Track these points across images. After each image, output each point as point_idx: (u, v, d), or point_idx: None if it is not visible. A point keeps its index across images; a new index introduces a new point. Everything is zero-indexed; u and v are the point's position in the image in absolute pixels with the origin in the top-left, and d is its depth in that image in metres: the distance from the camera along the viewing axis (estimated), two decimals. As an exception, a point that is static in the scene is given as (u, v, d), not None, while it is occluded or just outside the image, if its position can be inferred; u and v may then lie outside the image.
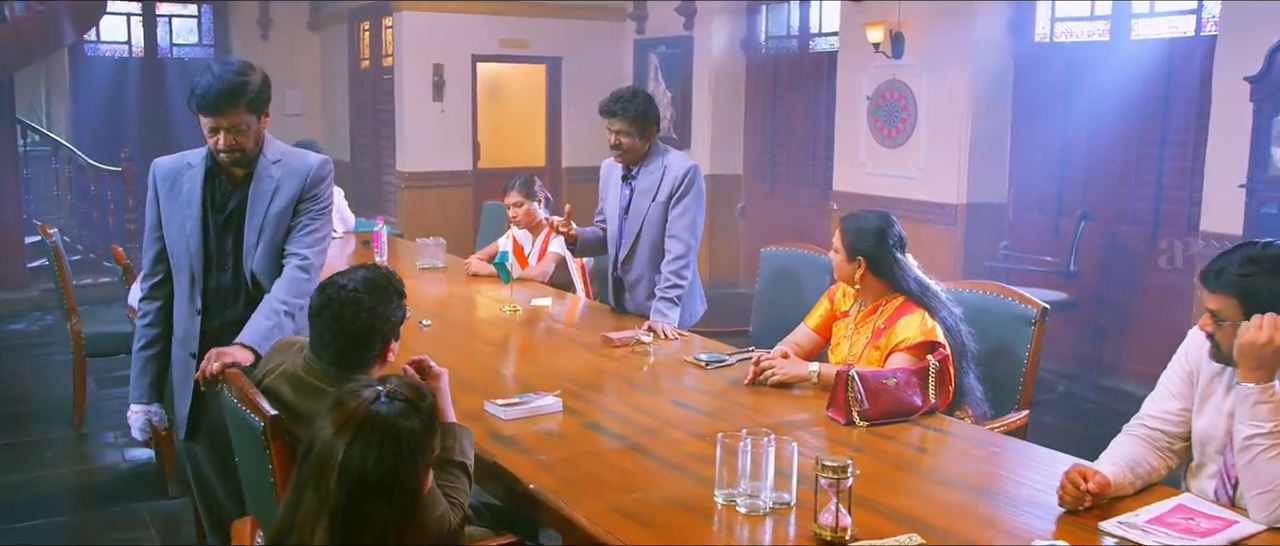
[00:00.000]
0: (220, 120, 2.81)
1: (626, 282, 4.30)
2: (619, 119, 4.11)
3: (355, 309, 2.30)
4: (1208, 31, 5.96)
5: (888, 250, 3.39)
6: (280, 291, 2.89)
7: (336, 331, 2.30)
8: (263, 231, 2.93)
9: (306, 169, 2.98)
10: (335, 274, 2.41)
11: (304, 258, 2.93)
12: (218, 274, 2.97)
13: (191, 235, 2.93)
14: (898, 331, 3.30)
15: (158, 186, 3.01)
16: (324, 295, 2.34)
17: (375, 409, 1.75)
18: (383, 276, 2.38)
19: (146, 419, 3.09)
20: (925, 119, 7.23)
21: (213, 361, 2.62)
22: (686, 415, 3.02)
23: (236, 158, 2.87)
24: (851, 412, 2.94)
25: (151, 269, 3.05)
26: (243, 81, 2.82)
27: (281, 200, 2.94)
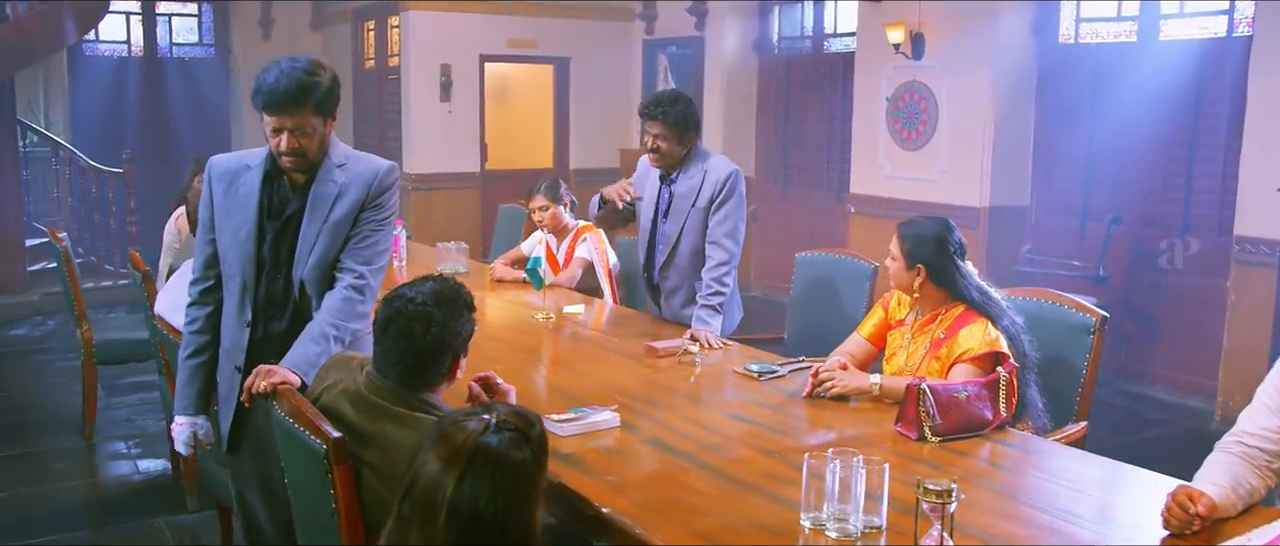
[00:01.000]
0: (284, 120, 2.64)
1: (664, 289, 4.17)
2: (658, 123, 3.97)
3: (425, 324, 2.17)
4: (1240, 32, 5.86)
5: (948, 257, 3.27)
6: (330, 314, 2.70)
7: (405, 348, 2.17)
8: (318, 239, 2.72)
9: (372, 175, 2.78)
10: (402, 286, 2.27)
11: (359, 276, 2.73)
12: (269, 283, 2.79)
13: (245, 241, 2.75)
14: (960, 341, 3.18)
15: (213, 186, 2.84)
16: (391, 309, 2.20)
17: (485, 441, 1.61)
18: (451, 288, 2.24)
19: (192, 431, 2.92)
20: (947, 121, 7.12)
21: (260, 378, 2.46)
22: (750, 430, 2.89)
23: (298, 162, 2.69)
24: (923, 427, 2.82)
25: (203, 273, 2.88)
26: (312, 81, 2.65)
27: (343, 207, 2.74)
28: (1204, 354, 5.96)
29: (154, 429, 5.41)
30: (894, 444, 2.81)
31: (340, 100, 2.76)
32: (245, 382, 2.52)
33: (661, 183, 4.14)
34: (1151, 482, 2.57)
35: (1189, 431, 5.79)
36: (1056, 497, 2.51)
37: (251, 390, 2.46)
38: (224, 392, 2.87)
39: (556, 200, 5.05)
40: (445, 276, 2.30)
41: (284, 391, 2.34)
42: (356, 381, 2.24)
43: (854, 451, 2.25)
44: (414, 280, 2.28)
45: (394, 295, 2.23)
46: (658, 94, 4.10)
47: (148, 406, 5.77)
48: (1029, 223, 7.10)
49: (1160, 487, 2.50)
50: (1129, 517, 2.38)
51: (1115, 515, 2.40)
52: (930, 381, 2.88)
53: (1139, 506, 2.46)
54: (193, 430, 2.90)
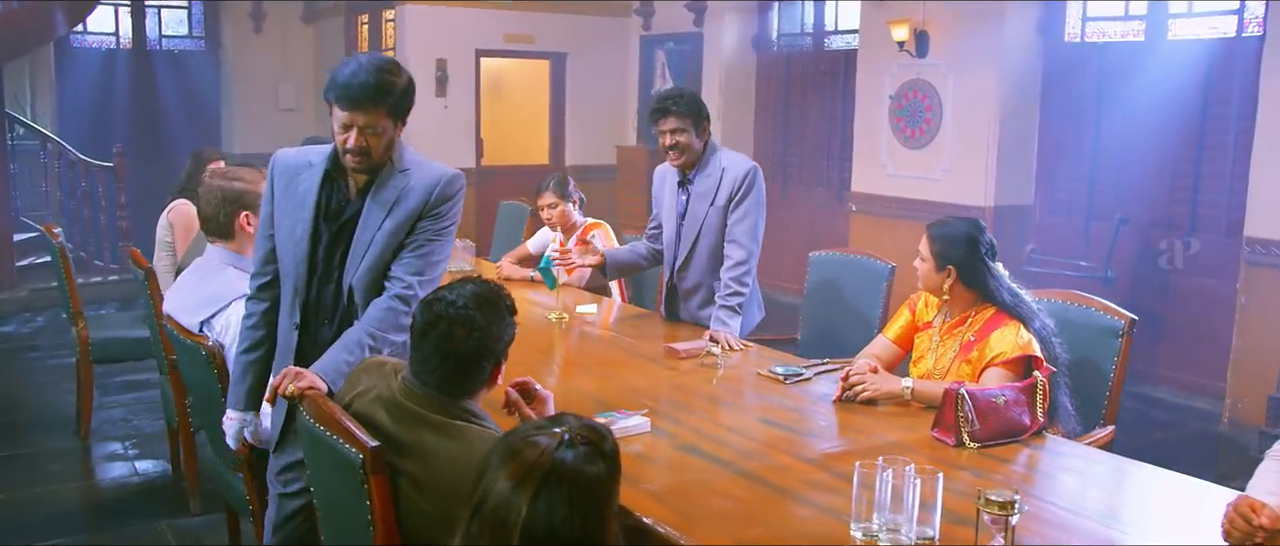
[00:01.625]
0: (357, 116, 2.52)
1: (682, 290, 4.09)
2: (671, 116, 3.89)
3: (467, 328, 2.08)
4: (1250, 32, 5.83)
5: (979, 259, 3.21)
6: (371, 322, 2.58)
7: (446, 353, 2.08)
8: (371, 245, 2.60)
9: (434, 182, 2.64)
10: (440, 289, 2.17)
11: (407, 286, 2.59)
12: (320, 287, 2.67)
13: (299, 241, 2.63)
14: (991, 345, 3.12)
15: (274, 181, 2.73)
16: (431, 313, 2.10)
17: (559, 457, 1.52)
18: (492, 290, 2.15)
19: (241, 427, 2.82)
20: (951, 119, 7.07)
21: (289, 380, 2.37)
22: (784, 436, 2.82)
23: (362, 162, 2.58)
24: (961, 434, 2.76)
25: (261, 268, 2.78)
26: (391, 80, 2.54)
27: (401, 214, 2.61)
28: (1212, 355, 5.93)
29: (151, 429, 5.30)
30: (931, 449, 2.75)
31: (413, 106, 2.64)
32: (272, 383, 2.42)
33: (680, 185, 4.06)
34: (1197, 490, 2.52)
35: (1197, 433, 5.76)
36: (1100, 504, 2.46)
37: (278, 390, 2.36)
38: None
39: (565, 197, 4.97)
40: (484, 278, 2.20)
41: (312, 396, 2.25)
42: (392, 387, 2.15)
43: (905, 459, 2.18)
44: (452, 282, 2.19)
45: (433, 298, 2.13)
46: (661, 92, 4.04)
47: (143, 406, 5.66)
48: (1032, 222, 7.07)
49: (1207, 495, 2.46)
50: (1179, 526, 2.32)
51: (1164, 523, 2.34)
52: (969, 386, 2.82)
53: (1189, 514, 2.41)
54: (242, 426, 2.81)
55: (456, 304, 2.08)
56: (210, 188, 3.24)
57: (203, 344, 3.04)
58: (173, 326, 3.16)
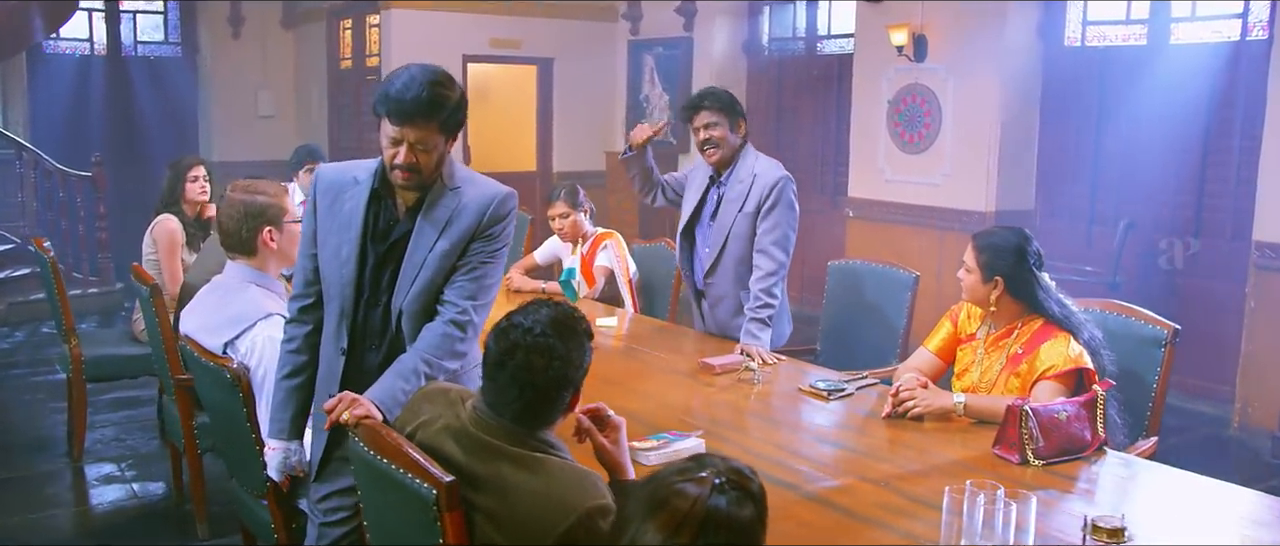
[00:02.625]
0: (408, 131, 2.39)
1: (710, 297, 4.00)
2: (706, 110, 3.83)
3: (546, 357, 1.95)
4: (1255, 36, 5.82)
5: (1028, 269, 3.14)
6: (425, 348, 2.45)
7: (525, 383, 1.95)
8: (422, 268, 2.47)
9: (487, 202, 2.51)
10: (513, 313, 2.05)
11: (461, 311, 2.47)
12: (368, 311, 2.54)
13: (346, 263, 2.50)
14: (1042, 357, 3.05)
15: (318, 199, 2.59)
16: (507, 341, 1.98)
17: (713, 504, 1.42)
18: (568, 315, 2.02)
19: (284, 457, 2.68)
20: (950, 124, 7.03)
21: (343, 407, 2.24)
22: (843, 455, 2.73)
23: (411, 179, 2.44)
24: (1026, 451, 2.68)
25: (303, 290, 2.64)
26: (443, 94, 2.41)
27: (453, 235, 2.48)
28: (1220, 360, 5.91)
29: (146, 449, 5.12)
30: (993, 467, 2.67)
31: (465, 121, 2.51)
32: (325, 406, 2.28)
33: (711, 184, 3.98)
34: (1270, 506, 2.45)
35: (1207, 438, 5.74)
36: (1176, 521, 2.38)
37: (333, 418, 2.23)
38: (319, 420, 2.63)
39: (576, 206, 4.86)
40: (556, 300, 2.08)
41: (371, 427, 2.12)
42: (461, 417, 2.02)
43: (994, 483, 2.10)
44: (524, 306, 2.06)
45: (508, 326, 2.00)
46: (698, 90, 3.96)
47: (136, 425, 5.48)
48: (1033, 227, 7.02)
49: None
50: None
51: (1254, 538, 2.27)
52: (1032, 402, 2.74)
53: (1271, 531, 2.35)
54: (286, 455, 2.67)
55: (533, 331, 1.96)
56: (231, 202, 3.10)
57: (227, 366, 2.90)
58: (192, 347, 3.02)
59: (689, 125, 3.92)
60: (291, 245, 3.18)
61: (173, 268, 4.86)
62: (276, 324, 2.98)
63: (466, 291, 2.50)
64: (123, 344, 5.05)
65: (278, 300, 3.10)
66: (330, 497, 2.62)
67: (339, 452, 2.60)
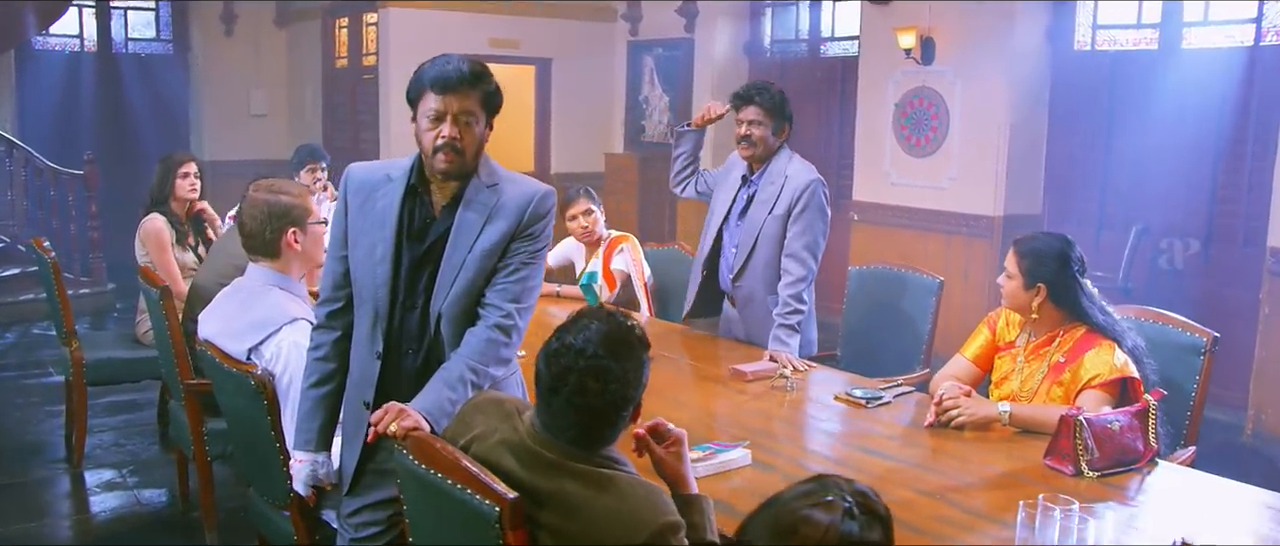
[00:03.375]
0: (452, 101, 2.31)
1: (738, 299, 3.92)
2: (754, 106, 3.78)
3: (601, 380, 1.84)
4: (1269, 41, 5.79)
5: (1071, 276, 3.07)
6: (470, 354, 2.36)
7: (581, 407, 1.85)
8: (462, 269, 2.38)
9: (527, 199, 2.43)
10: (562, 332, 1.91)
11: (505, 315, 2.39)
12: (404, 314, 2.44)
13: (380, 263, 2.41)
14: (1086, 366, 2.98)
15: (348, 197, 2.49)
16: (558, 366, 1.85)
17: (846, 530, 1.34)
18: (622, 328, 1.91)
19: (313, 469, 2.58)
20: (958, 127, 6.98)
21: (391, 418, 2.14)
22: (893, 466, 2.65)
23: (454, 161, 2.35)
24: (1080, 462, 2.61)
25: (331, 294, 2.54)
26: (485, 69, 2.39)
27: (493, 234, 2.39)
28: (1232, 367, 5.87)
29: (147, 454, 5.00)
30: (1044, 478, 2.61)
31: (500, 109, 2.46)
32: (372, 418, 2.18)
33: (743, 182, 3.90)
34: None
35: (1221, 445, 5.70)
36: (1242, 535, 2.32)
37: (380, 429, 2.13)
38: (350, 429, 2.54)
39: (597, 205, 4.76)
40: (607, 310, 1.96)
41: (422, 439, 2.03)
42: (519, 431, 1.92)
43: (1067, 498, 2.03)
44: (573, 322, 1.94)
45: (559, 348, 1.88)
46: (752, 81, 3.91)
47: (135, 430, 5.35)
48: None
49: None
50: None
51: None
52: (1086, 412, 2.67)
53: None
54: (314, 468, 2.57)
55: (585, 352, 1.84)
56: (254, 202, 2.99)
57: (251, 373, 2.79)
58: (213, 352, 2.91)
59: (735, 114, 3.86)
60: (315, 247, 3.09)
61: (167, 267, 4.75)
62: (302, 329, 2.89)
63: (510, 294, 2.41)
64: (123, 346, 4.93)
65: (302, 304, 3.00)
66: (362, 511, 2.52)
67: (372, 465, 2.51)
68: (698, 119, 4.06)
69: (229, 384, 2.92)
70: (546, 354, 1.88)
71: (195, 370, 3.84)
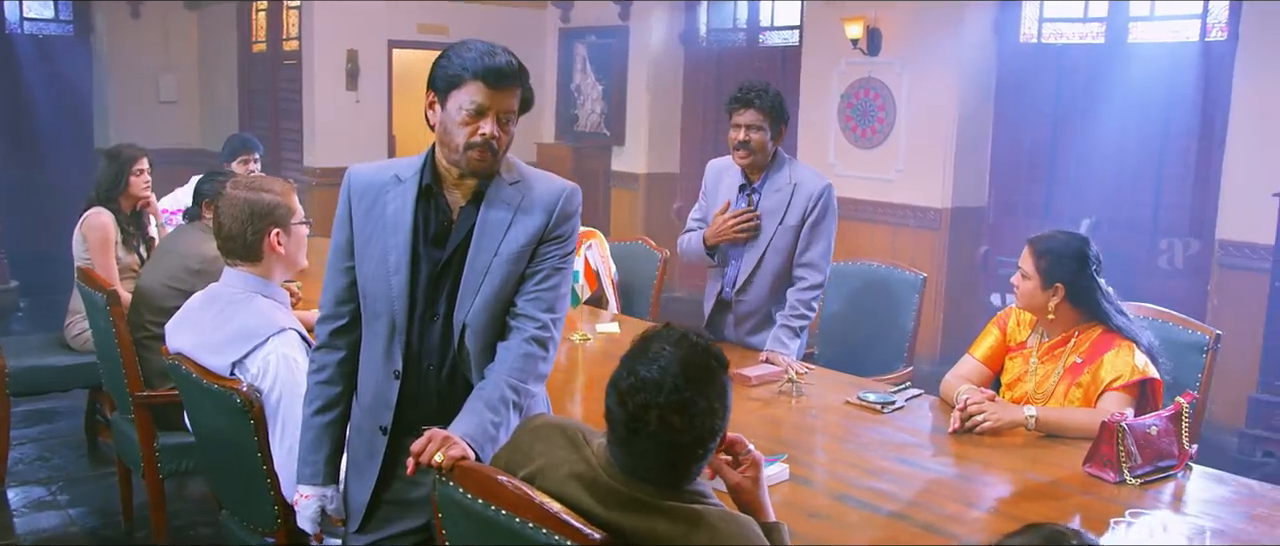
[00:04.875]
0: (499, 98, 2.10)
1: (738, 313, 3.75)
2: (752, 110, 3.58)
3: (685, 413, 1.66)
4: (1214, 37, 5.88)
5: (1090, 276, 3.01)
6: (509, 372, 2.16)
7: (663, 444, 1.66)
8: (488, 274, 2.17)
9: (555, 197, 2.23)
10: (632, 364, 1.70)
11: (541, 326, 2.20)
12: (424, 327, 2.22)
13: (396, 272, 2.19)
14: (1106, 368, 2.92)
15: (352, 203, 2.25)
16: (634, 404, 1.66)
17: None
18: (699, 352, 1.70)
19: (321, 505, 2.33)
20: (905, 119, 6.95)
21: (434, 446, 1.92)
22: (934, 478, 2.54)
23: (487, 161, 2.14)
24: (1123, 469, 2.54)
25: (334, 309, 2.30)
26: (524, 66, 2.17)
27: (520, 236, 2.19)
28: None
29: (75, 469, 4.65)
30: (1083, 485, 2.53)
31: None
32: (413, 447, 1.96)
33: (741, 191, 3.73)
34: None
35: (1170, 434, 5.78)
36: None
37: (424, 460, 1.91)
38: (360, 457, 2.30)
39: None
40: (680, 330, 1.74)
41: (479, 472, 1.82)
42: (591, 463, 1.73)
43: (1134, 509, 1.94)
44: (641, 348, 1.73)
45: (634, 384, 1.67)
46: (747, 82, 3.70)
47: (59, 442, 4.97)
48: (986, 224, 7.02)
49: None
50: None
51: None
52: (1127, 418, 2.60)
53: None
54: (322, 504, 2.32)
55: (665, 386, 1.65)
56: (234, 200, 2.72)
57: (235, 389, 2.54)
58: (189, 368, 2.65)
59: (730, 118, 3.67)
60: (298, 249, 2.84)
61: (107, 267, 4.39)
62: (291, 340, 2.64)
63: (543, 303, 2.21)
64: (52, 352, 4.55)
65: (287, 313, 2.75)
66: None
67: (388, 496, 2.29)
68: (714, 237, 3.74)
69: (207, 402, 2.66)
70: (619, 392, 1.68)
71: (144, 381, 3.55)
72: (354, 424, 2.33)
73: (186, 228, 3.83)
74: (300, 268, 2.87)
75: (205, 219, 3.78)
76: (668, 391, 1.65)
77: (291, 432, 2.57)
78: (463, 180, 2.21)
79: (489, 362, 2.20)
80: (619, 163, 9.15)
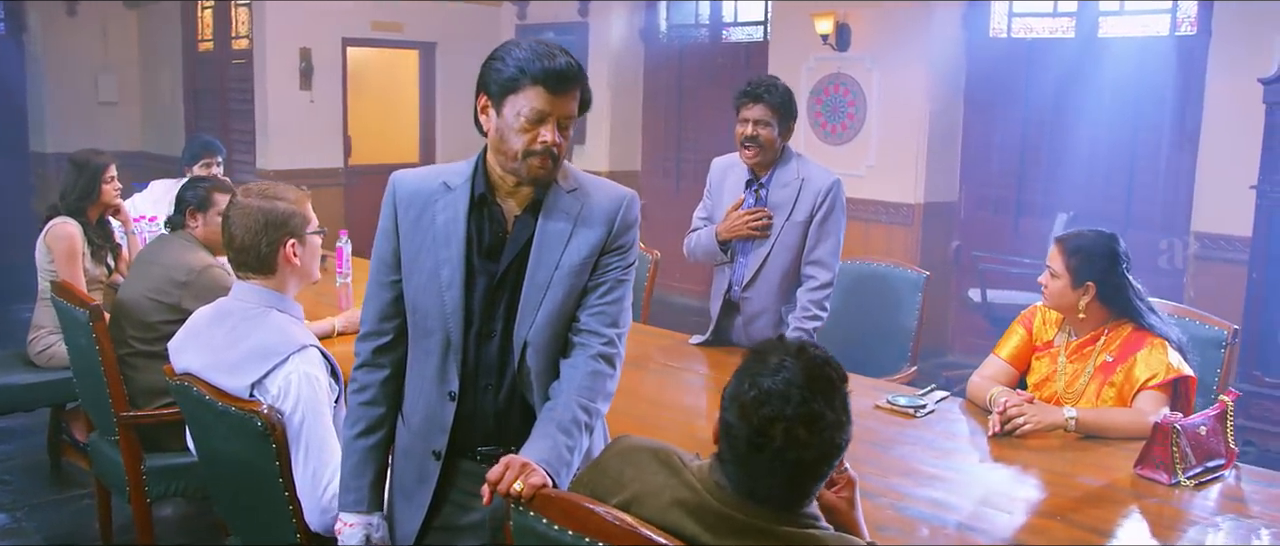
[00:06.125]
0: (558, 103, 1.97)
1: (746, 313, 3.66)
2: (761, 104, 3.49)
3: (813, 426, 1.56)
4: (1184, 31, 5.95)
5: (1121, 274, 2.98)
6: (578, 392, 2.04)
7: (790, 461, 1.57)
8: (549, 289, 2.05)
9: (615, 206, 2.11)
10: (752, 375, 1.60)
11: (607, 342, 2.08)
12: (481, 344, 2.09)
13: (449, 287, 2.06)
14: (1140, 366, 2.88)
15: (398, 211, 2.12)
16: (759, 417, 1.56)
17: None
18: (819, 360, 1.62)
19: (366, 534, 2.18)
20: (876, 115, 6.94)
21: (513, 474, 1.79)
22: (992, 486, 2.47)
23: (548, 169, 2.02)
24: (1177, 470, 2.50)
25: (377, 325, 2.16)
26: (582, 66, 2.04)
27: (581, 247, 2.07)
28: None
29: (41, 492, 4.40)
30: (1135, 486, 2.49)
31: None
32: (490, 475, 1.83)
33: (748, 187, 3.65)
34: None
35: (1149, 425, 5.84)
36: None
37: (502, 490, 1.78)
38: (409, 483, 2.15)
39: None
40: (804, 344, 1.65)
41: (560, 500, 1.70)
42: (695, 488, 1.62)
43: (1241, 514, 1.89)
44: (759, 358, 1.64)
45: (758, 397, 1.57)
46: (755, 77, 3.61)
47: (18, 464, 4.71)
48: (957, 218, 7.04)
49: None
50: None
51: None
52: (1179, 418, 2.56)
53: None
54: (368, 533, 2.17)
55: (791, 399, 1.56)
56: (246, 209, 2.56)
57: (256, 412, 2.38)
58: (202, 389, 2.48)
59: (737, 114, 3.58)
60: (312, 260, 2.69)
61: (75, 279, 4.17)
62: (312, 357, 2.49)
63: (607, 317, 2.09)
64: (14, 370, 4.30)
65: (304, 328, 2.59)
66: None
67: (438, 522, 2.15)
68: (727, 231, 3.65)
69: (222, 426, 2.49)
70: (742, 405, 1.58)
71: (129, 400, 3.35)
72: (401, 447, 2.19)
73: (169, 237, 3.63)
74: (314, 280, 2.72)
75: (190, 227, 3.60)
76: (795, 403, 1.56)
77: (315, 456, 2.43)
78: (518, 188, 2.08)
79: (550, 381, 2.08)
80: (581, 161, 9.01)
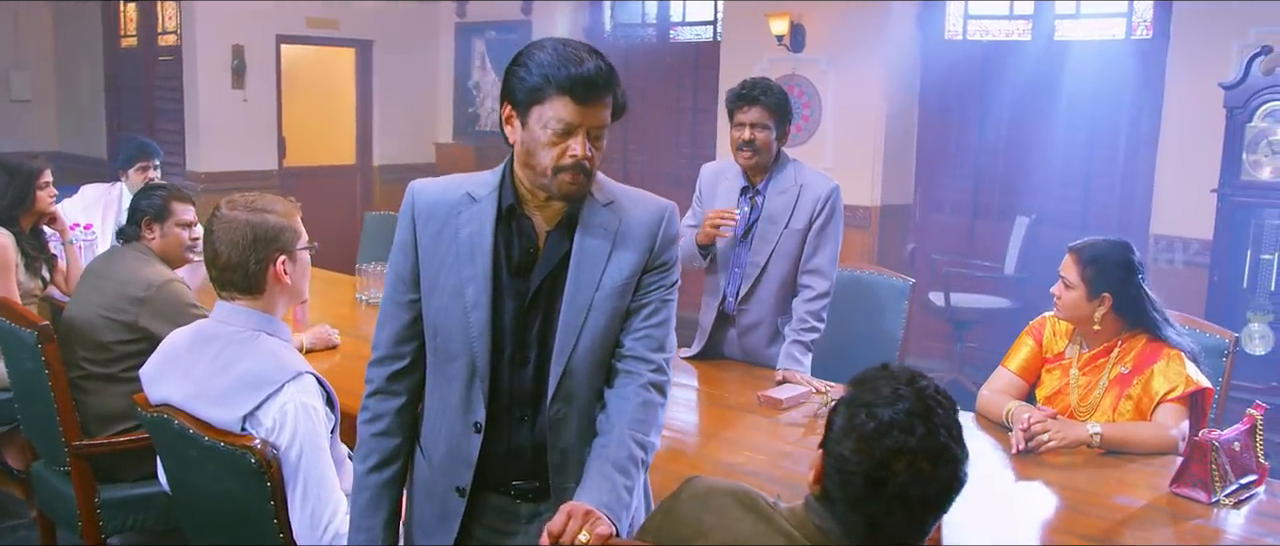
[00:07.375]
0: (587, 113, 1.80)
1: (741, 324, 3.52)
2: (757, 107, 3.36)
3: (937, 459, 1.44)
4: (1140, 35, 5.99)
5: (1137, 284, 2.91)
6: (631, 426, 1.88)
7: (913, 499, 1.44)
8: (591, 312, 1.89)
9: (656, 219, 1.95)
10: (867, 406, 1.47)
11: (656, 368, 1.93)
12: (514, 371, 1.92)
13: (474, 308, 1.88)
14: (1157, 379, 2.82)
15: (417, 225, 1.94)
16: (882, 450, 1.43)
17: None
18: (931, 389, 1.48)
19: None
20: (831, 117, 6.87)
21: (576, 524, 1.61)
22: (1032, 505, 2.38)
23: (580, 184, 1.84)
24: (1216, 487, 2.43)
25: (393, 349, 1.98)
26: (614, 68, 1.84)
27: (622, 267, 1.91)
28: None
29: None
30: (1172, 506, 2.42)
31: None
32: (551, 527, 1.65)
33: (743, 194, 3.51)
34: None
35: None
36: None
37: (563, 541, 1.60)
38: (429, 522, 1.96)
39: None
40: (907, 371, 1.52)
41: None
42: (793, 537, 1.47)
43: None
44: (867, 388, 1.50)
45: (878, 428, 1.44)
46: (748, 79, 3.46)
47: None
48: (913, 221, 7.01)
49: None
50: None
51: None
52: (1217, 434, 2.49)
53: None
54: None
55: (914, 430, 1.43)
56: (233, 224, 2.33)
57: (248, 448, 2.16)
58: (186, 423, 2.25)
59: (732, 117, 3.44)
60: (303, 277, 2.47)
61: (8, 292, 3.86)
62: (308, 385, 2.28)
63: (654, 341, 1.93)
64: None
65: (297, 353, 2.38)
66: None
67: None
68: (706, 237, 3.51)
69: (207, 463, 2.26)
70: (859, 436, 1.44)
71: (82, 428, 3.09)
72: (420, 483, 2.00)
73: (122, 249, 3.36)
74: (303, 299, 2.50)
75: (145, 239, 3.34)
76: (919, 435, 1.44)
77: (314, 494, 2.22)
78: (548, 202, 1.91)
79: (591, 411, 1.91)
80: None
